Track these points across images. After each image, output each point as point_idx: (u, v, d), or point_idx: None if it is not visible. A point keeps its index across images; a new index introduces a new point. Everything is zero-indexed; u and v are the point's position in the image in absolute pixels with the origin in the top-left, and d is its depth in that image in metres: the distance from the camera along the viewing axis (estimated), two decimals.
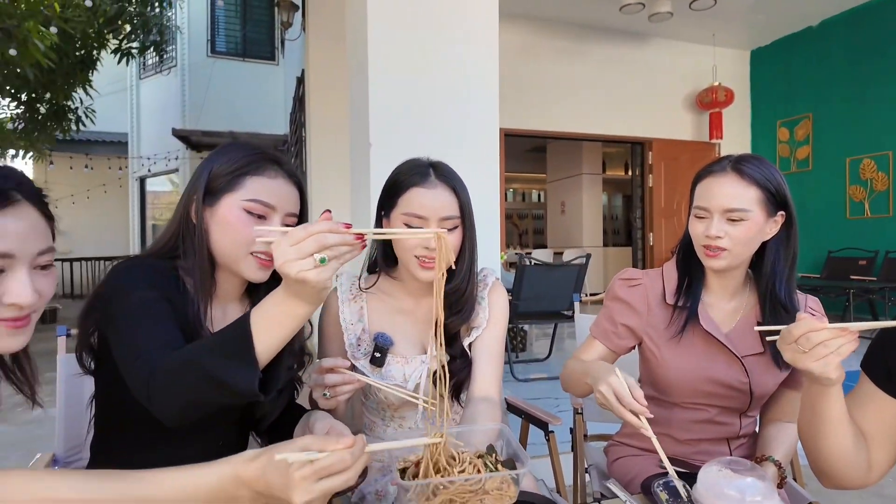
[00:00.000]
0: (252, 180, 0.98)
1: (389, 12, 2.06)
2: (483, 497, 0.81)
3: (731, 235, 1.13)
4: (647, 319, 1.26)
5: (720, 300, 1.25)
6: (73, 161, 11.13)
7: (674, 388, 1.25)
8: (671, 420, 1.28)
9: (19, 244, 0.74)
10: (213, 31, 10.37)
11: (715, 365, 1.21)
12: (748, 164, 1.14)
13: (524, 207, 14.54)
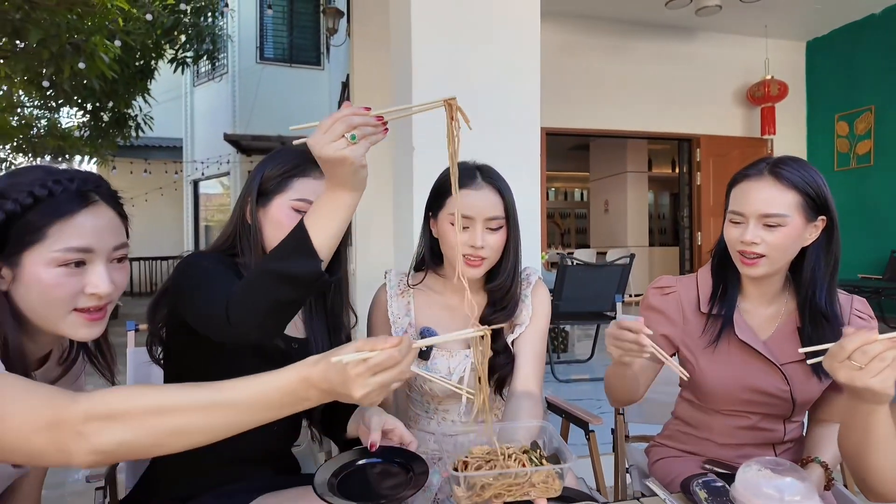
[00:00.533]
0: (299, 181, 1.06)
1: (433, 18, 2.11)
2: (529, 490, 0.84)
3: (768, 241, 1.10)
4: (682, 329, 1.25)
5: (757, 307, 1.22)
6: (133, 166, 11.75)
7: (712, 396, 1.24)
8: (712, 425, 1.27)
9: (97, 240, 0.84)
10: (262, 39, 10.72)
11: (753, 373, 1.18)
12: (786, 167, 1.10)
13: (566, 206, 14.37)
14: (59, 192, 0.82)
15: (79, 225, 0.82)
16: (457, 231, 1.12)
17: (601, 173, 9.83)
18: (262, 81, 10.41)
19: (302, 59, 10.75)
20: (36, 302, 0.81)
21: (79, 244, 0.82)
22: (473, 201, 1.20)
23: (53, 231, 0.80)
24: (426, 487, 1.27)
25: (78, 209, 0.83)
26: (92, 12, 5.58)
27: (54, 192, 0.81)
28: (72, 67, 5.53)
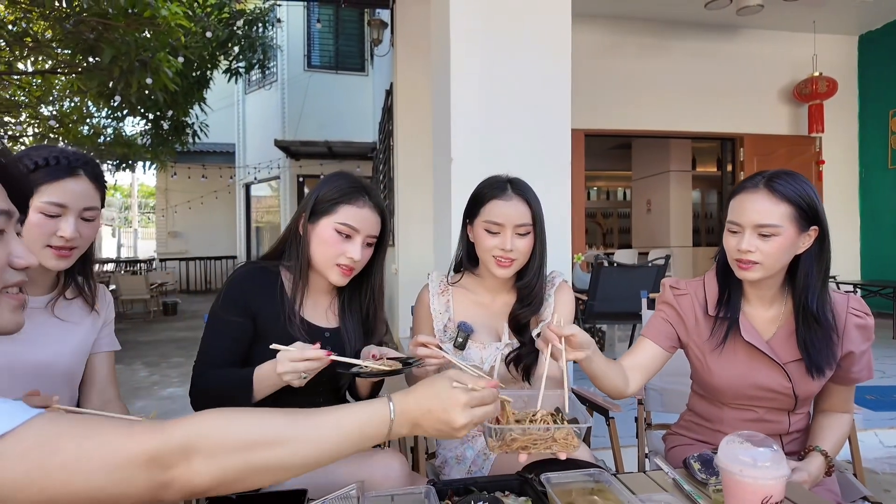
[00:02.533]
0: (345, 207, 1.27)
1: (469, 30, 2.28)
2: (552, 444, 1.01)
3: (762, 250, 1.19)
4: (693, 330, 1.37)
5: (758, 309, 1.33)
6: (191, 171, 12.45)
7: (720, 392, 1.35)
8: (723, 418, 1.38)
9: (72, 200, 1.13)
10: (310, 47, 11.16)
11: (758, 372, 1.29)
12: (780, 181, 1.20)
13: (609, 206, 14.24)
14: (53, 164, 1.13)
15: (61, 188, 1.12)
16: (488, 239, 1.28)
17: (643, 172, 9.74)
18: (310, 88, 10.85)
19: (347, 66, 11.13)
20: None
21: (57, 200, 1.11)
22: (504, 210, 1.37)
23: (43, 188, 1.11)
24: (461, 459, 1.45)
25: (64, 177, 1.13)
26: (157, 30, 6.03)
27: (50, 163, 1.13)
28: (139, 82, 6.00)
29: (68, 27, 5.95)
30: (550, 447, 1.00)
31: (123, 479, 0.58)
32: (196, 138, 9.28)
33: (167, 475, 0.61)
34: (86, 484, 0.56)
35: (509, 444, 0.99)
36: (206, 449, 0.63)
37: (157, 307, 9.36)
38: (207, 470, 0.63)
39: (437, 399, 0.76)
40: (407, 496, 1.03)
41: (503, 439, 1.00)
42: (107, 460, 0.58)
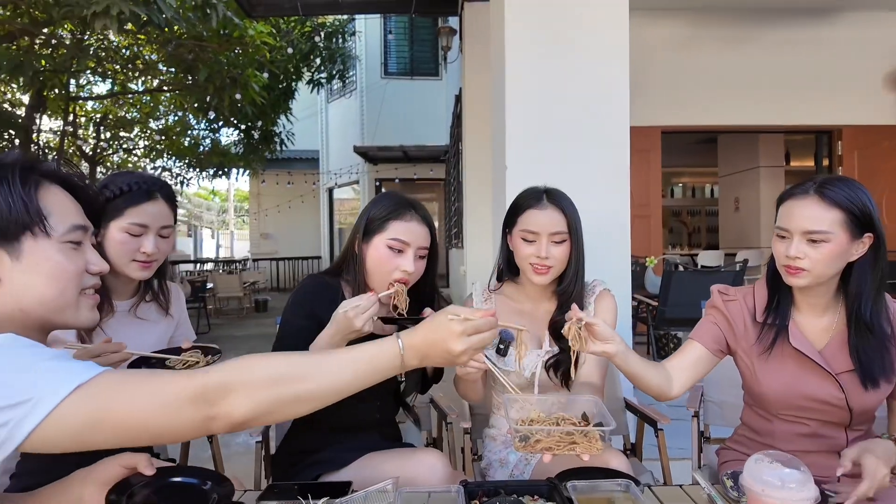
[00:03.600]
0: (394, 224, 1.35)
1: (524, 42, 2.30)
2: (574, 446, 1.04)
3: (811, 257, 1.16)
4: (742, 335, 1.34)
5: (810, 318, 1.28)
6: (279, 177, 13.28)
7: (769, 402, 1.31)
8: (773, 432, 1.33)
9: (152, 220, 1.31)
10: (386, 55, 11.54)
11: (808, 381, 1.24)
12: (832, 187, 1.16)
13: (695, 204, 13.50)
14: (135, 189, 1.29)
15: (142, 210, 1.29)
16: (525, 247, 1.33)
17: (731, 169, 9.17)
18: (387, 94, 11.22)
19: (422, 71, 11.39)
20: (112, 253, 1.28)
21: (139, 221, 1.28)
22: (539, 219, 1.41)
23: (127, 212, 1.28)
24: (505, 462, 1.50)
25: (144, 201, 1.30)
26: (246, 49, 6.53)
27: (133, 189, 1.29)
28: (230, 97, 6.53)
29: (170, 50, 6.57)
30: (573, 448, 1.03)
31: (173, 413, 0.70)
32: (283, 146, 9.90)
33: (211, 410, 0.72)
34: (143, 420, 0.69)
35: (533, 445, 1.04)
36: (242, 385, 0.74)
37: (250, 304, 10.07)
38: (244, 403, 0.73)
39: (437, 332, 0.86)
40: (442, 494, 1.11)
41: (527, 440, 1.04)
42: (159, 398, 0.70)
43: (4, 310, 0.79)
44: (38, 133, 8.38)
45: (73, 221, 0.83)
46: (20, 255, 0.79)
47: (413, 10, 5.31)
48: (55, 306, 0.82)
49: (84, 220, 0.86)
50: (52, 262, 0.81)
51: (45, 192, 0.82)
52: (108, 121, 9.68)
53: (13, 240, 0.78)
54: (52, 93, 7.76)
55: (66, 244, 0.82)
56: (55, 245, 0.81)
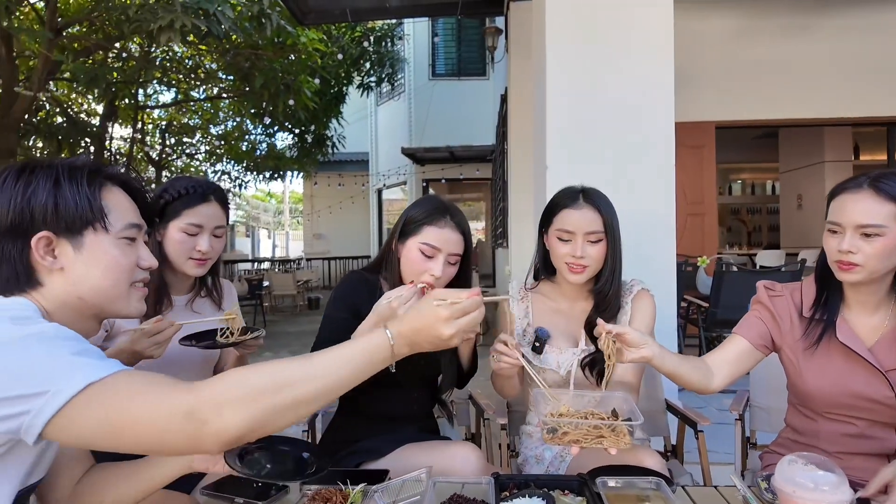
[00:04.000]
0: (428, 228, 1.39)
1: (565, 42, 2.30)
2: (601, 440, 1.06)
3: (864, 251, 1.13)
4: (788, 331, 1.31)
5: (860, 315, 1.24)
6: (330, 179, 13.66)
7: (813, 399, 1.28)
8: (818, 432, 1.30)
9: (207, 221, 1.41)
10: (434, 57, 11.64)
11: (855, 379, 1.21)
12: (887, 181, 1.13)
13: (755, 201, 12.91)
14: (192, 192, 1.40)
15: (198, 212, 1.40)
16: (561, 246, 1.35)
17: (793, 164, 8.74)
18: (434, 96, 11.32)
19: (469, 72, 11.42)
20: (170, 251, 1.39)
21: (196, 221, 1.39)
22: (574, 218, 1.42)
23: (185, 213, 1.39)
24: (540, 459, 1.52)
25: (199, 203, 1.40)
26: (299, 56, 6.77)
27: (190, 192, 1.40)
28: (284, 103, 6.79)
29: (228, 59, 6.90)
30: (601, 442, 1.05)
31: (166, 427, 0.70)
32: (334, 149, 10.18)
33: (204, 426, 0.71)
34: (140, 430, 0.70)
35: (560, 437, 1.06)
36: (234, 400, 0.72)
37: (303, 302, 10.43)
38: (237, 417, 0.72)
39: (424, 318, 0.87)
40: (475, 485, 1.14)
41: (555, 432, 1.07)
42: (156, 411, 0.71)
43: (64, 296, 0.86)
44: (110, 140, 8.98)
45: (130, 220, 0.91)
46: (82, 248, 0.86)
47: (459, 11, 5.35)
48: (109, 296, 0.89)
49: (139, 219, 0.94)
50: (109, 256, 0.88)
51: (108, 193, 0.90)
52: (172, 127, 10.25)
53: (77, 233, 0.86)
54: (123, 102, 8.31)
55: (121, 240, 0.90)
56: (112, 240, 0.89)
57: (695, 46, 5.54)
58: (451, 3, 5.25)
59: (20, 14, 6.30)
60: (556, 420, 1.08)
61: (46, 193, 0.84)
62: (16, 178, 0.85)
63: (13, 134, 6.49)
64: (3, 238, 0.84)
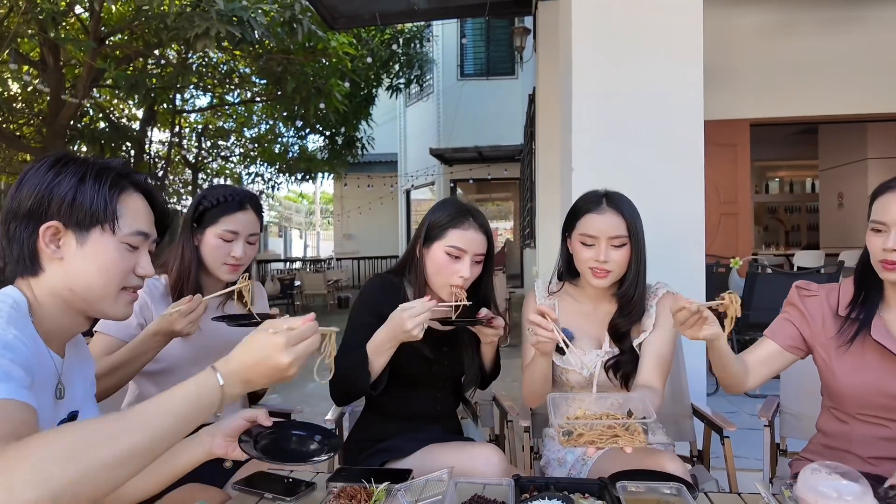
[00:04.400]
0: (452, 231, 1.41)
1: (592, 45, 2.29)
2: (616, 439, 1.07)
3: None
4: (820, 331, 1.31)
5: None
6: (360, 181, 13.82)
7: (846, 399, 1.27)
8: (851, 435, 1.28)
9: (242, 229, 1.47)
10: (462, 58, 11.67)
11: (890, 378, 1.19)
12: None
13: (793, 200, 12.51)
14: (230, 200, 1.46)
15: (235, 219, 1.46)
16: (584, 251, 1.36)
17: (833, 161, 8.44)
18: (462, 96, 11.35)
19: (498, 71, 11.41)
20: (206, 256, 1.46)
21: (232, 228, 1.45)
22: (598, 223, 1.42)
23: (222, 220, 1.45)
24: (563, 462, 1.53)
25: (236, 211, 1.46)
26: (329, 59, 6.89)
27: (228, 200, 1.46)
28: (315, 106, 6.92)
29: (261, 63, 7.06)
30: (616, 441, 1.05)
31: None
32: (364, 151, 10.31)
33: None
34: None
35: (576, 439, 1.07)
36: (27, 467, 0.62)
37: (333, 301, 10.60)
38: (29, 485, 0.61)
39: (257, 351, 0.82)
40: (495, 486, 1.16)
41: (570, 434, 1.08)
42: None
43: (58, 286, 0.90)
44: (149, 144, 9.31)
45: (139, 227, 0.94)
46: (85, 243, 0.90)
47: (487, 12, 5.36)
48: (98, 294, 0.92)
49: (149, 228, 0.97)
50: (108, 256, 0.91)
51: (127, 198, 0.94)
52: (207, 131, 10.55)
53: (84, 229, 0.89)
54: (161, 107, 8.60)
55: (124, 244, 0.92)
56: (116, 242, 0.92)
57: (729, 43, 5.41)
58: (480, 5, 5.27)
59: (66, 24, 6.59)
60: (570, 423, 1.09)
61: (69, 187, 0.89)
62: (49, 167, 0.90)
63: (60, 139, 6.80)
64: (21, 220, 0.89)
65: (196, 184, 10.29)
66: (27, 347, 0.81)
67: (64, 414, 0.95)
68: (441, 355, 1.50)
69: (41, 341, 0.89)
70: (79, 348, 1.05)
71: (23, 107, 7.76)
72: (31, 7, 5.20)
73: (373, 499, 1.07)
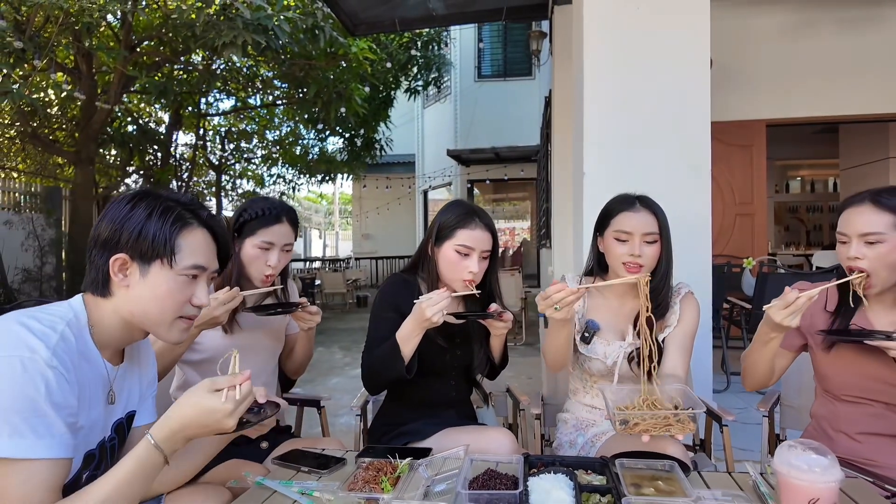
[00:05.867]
0: (461, 231, 1.55)
1: (603, 50, 2.39)
2: (668, 427, 1.18)
3: (868, 256, 1.27)
4: (811, 323, 1.46)
5: (879, 314, 1.37)
6: (378, 182, 14.01)
7: (831, 381, 1.42)
8: (838, 415, 1.42)
9: (278, 239, 1.57)
10: (480, 59, 11.77)
11: (871, 362, 1.34)
12: (885, 196, 1.28)
13: (814, 199, 12.37)
14: (268, 213, 1.57)
15: (271, 231, 1.56)
16: (619, 246, 1.47)
17: (854, 160, 8.35)
18: (480, 97, 11.46)
19: (515, 72, 11.49)
20: (246, 263, 1.56)
21: (269, 239, 1.55)
22: (633, 221, 1.53)
23: (260, 231, 1.55)
24: (573, 444, 1.64)
25: (273, 224, 1.57)
26: (350, 64, 7.06)
27: (266, 213, 1.57)
28: (336, 110, 7.09)
29: (284, 68, 7.26)
30: (668, 430, 1.17)
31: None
32: (382, 152, 10.48)
33: None
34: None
35: (632, 428, 1.19)
36: None
37: (352, 300, 10.80)
38: None
39: (204, 416, 0.91)
40: (507, 464, 1.29)
41: (627, 423, 1.19)
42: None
43: (120, 309, 0.99)
44: (175, 147, 9.60)
45: (196, 261, 1.02)
46: (147, 274, 0.98)
47: (504, 17, 5.47)
48: (153, 321, 1.01)
49: (209, 262, 1.05)
50: (165, 287, 0.99)
51: (189, 233, 1.01)
52: (231, 133, 10.81)
53: (147, 262, 0.98)
54: (187, 111, 8.86)
55: (182, 276, 1.00)
56: (173, 275, 0.99)
57: (745, 44, 5.45)
58: (496, 10, 5.38)
59: (98, 33, 6.86)
60: (625, 412, 1.21)
61: (138, 222, 0.98)
62: (127, 201, 1.00)
63: (93, 143, 7.09)
64: (98, 248, 0.99)
65: (219, 185, 10.56)
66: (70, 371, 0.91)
67: (119, 415, 1.07)
68: (454, 346, 1.64)
69: (96, 352, 1.00)
70: (140, 350, 1.15)
71: (57, 112, 8.08)
72: (66, 18, 5.45)
73: (397, 472, 1.21)
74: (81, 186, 7.15)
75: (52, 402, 0.87)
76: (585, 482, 1.15)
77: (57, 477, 0.88)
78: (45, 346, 0.89)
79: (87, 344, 0.98)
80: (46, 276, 7.50)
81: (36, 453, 0.85)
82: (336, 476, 1.26)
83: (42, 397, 0.86)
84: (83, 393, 0.95)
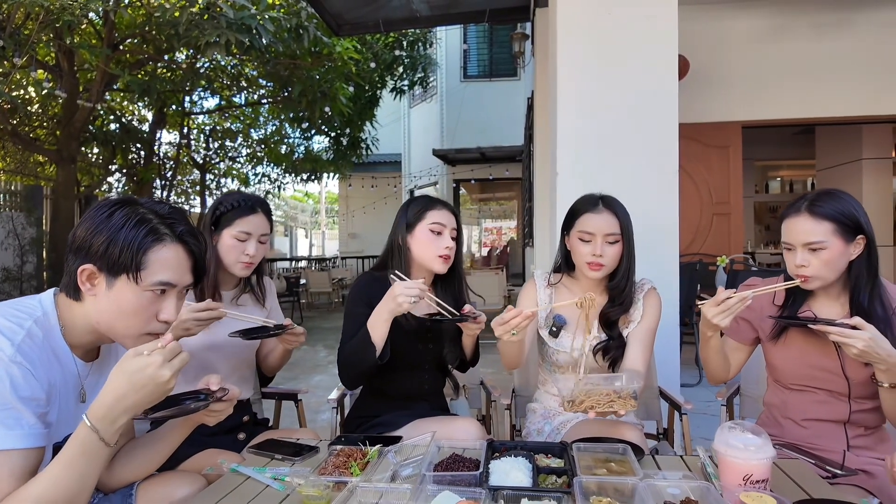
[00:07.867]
0: (430, 212, 1.64)
1: (575, 54, 2.46)
2: (611, 403, 1.25)
3: (813, 263, 1.35)
4: (760, 316, 1.54)
5: (823, 306, 1.46)
6: (364, 181, 14.02)
7: (779, 371, 1.51)
8: (788, 403, 1.51)
9: (254, 230, 1.63)
10: (466, 60, 11.84)
11: (813, 352, 1.43)
12: (820, 204, 1.34)
13: (792, 199, 12.58)
14: (243, 205, 1.62)
15: (248, 221, 1.61)
16: (582, 246, 1.54)
17: (830, 161, 8.56)
18: (466, 98, 11.52)
19: (500, 72, 11.57)
20: (223, 254, 1.60)
21: (245, 230, 1.61)
22: (595, 222, 1.60)
23: (236, 222, 1.60)
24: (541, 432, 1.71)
25: (249, 214, 1.62)
26: (335, 64, 7.09)
27: (242, 205, 1.62)
28: (321, 110, 7.12)
29: (269, 67, 7.27)
30: (611, 405, 1.24)
31: None
32: (368, 151, 10.50)
33: None
34: None
35: (578, 406, 1.26)
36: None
37: (338, 299, 10.82)
38: None
39: (135, 374, 0.89)
40: (472, 450, 1.35)
41: (573, 402, 1.27)
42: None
43: (89, 316, 1.01)
44: (159, 146, 9.54)
45: (163, 278, 1.00)
46: (113, 287, 0.98)
47: (487, 19, 5.54)
48: (117, 335, 1.02)
49: (178, 277, 1.02)
50: (130, 302, 0.98)
51: (159, 248, 0.99)
52: (215, 132, 10.77)
53: (114, 275, 0.98)
54: (171, 109, 8.82)
55: (148, 291, 0.99)
56: (138, 290, 0.99)
57: (722, 48, 5.56)
58: (479, 12, 5.45)
59: (80, 31, 6.82)
60: (573, 393, 1.29)
61: (108, 234, 0.97)
62: (107, 208, 1.00)
63: (75, 142, 7.04)
64: (73, 254, 1.00)
65: (204, 184, 10.51)
66: (37, 367, 0.93)
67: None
68: (427, 339, 1.70)
69: (67, 350, 1.02)
70: (117, 346, 1.15)
71: (38, 110, 8.01)
72: (47, 15, 5.42)
73: (366, 458, 1.26)
74: (63, 185, 7.10)
75: (18, 397, 0.90)
76: (544, 465, 1.22)
77: (30, 465, 0.92)
78: (11, 343, 0.92)
79: (58, 341, 1.01)
80: (27, 276, 7.43)
81: (7, 444, 0.89)
82: (308, 463, 1.31)
83: (8, 392, 0.89)
84: (52, 390, 0.97)
